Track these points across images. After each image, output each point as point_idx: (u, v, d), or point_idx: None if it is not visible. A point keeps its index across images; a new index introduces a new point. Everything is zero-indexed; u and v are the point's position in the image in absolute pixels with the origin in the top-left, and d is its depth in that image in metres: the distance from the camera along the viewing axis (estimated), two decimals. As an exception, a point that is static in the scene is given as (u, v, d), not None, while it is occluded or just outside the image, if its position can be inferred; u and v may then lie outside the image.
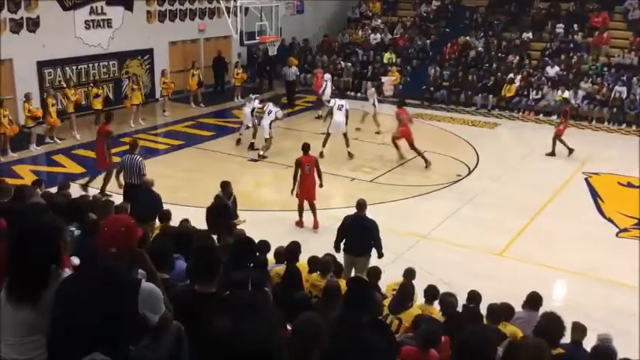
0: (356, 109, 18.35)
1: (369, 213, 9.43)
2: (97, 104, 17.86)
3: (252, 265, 5.31)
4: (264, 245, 7.69)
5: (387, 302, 6.60)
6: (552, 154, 16.36)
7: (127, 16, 20.10)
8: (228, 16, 19.23)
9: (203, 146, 17.20)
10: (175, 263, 5.20)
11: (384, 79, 23.16)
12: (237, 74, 22.32)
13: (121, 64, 20.35)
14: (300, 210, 11.73)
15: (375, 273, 7.43)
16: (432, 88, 22.65)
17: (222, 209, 9.39)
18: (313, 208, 11.73)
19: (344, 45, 26.11)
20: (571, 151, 16.17)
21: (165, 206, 9.41)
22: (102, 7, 19.41)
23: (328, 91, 19.57)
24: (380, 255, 8.88)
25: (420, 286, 7.36)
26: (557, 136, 16.33)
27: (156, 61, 21.37)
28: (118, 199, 10.10)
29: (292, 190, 11.62)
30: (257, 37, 19.47)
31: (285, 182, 12.80)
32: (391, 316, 6.39)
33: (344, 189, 14.06)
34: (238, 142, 16.99)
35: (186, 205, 11.57)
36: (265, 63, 24.22)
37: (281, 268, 7.10)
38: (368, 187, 14.18)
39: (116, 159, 12.70)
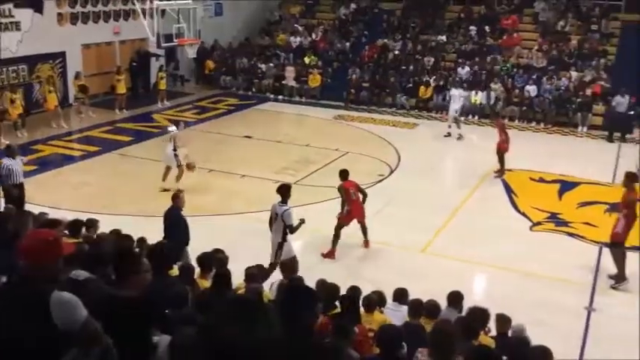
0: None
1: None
2: (15, 110, 17.17)
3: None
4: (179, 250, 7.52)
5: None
6: (502, 171, 15.14)
7: (36, 19, 19.26)
8: (144, 18, 18.79)
9: (122, 152, 16.74)
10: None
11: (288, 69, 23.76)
12: (162, 78, 21.92)
13: (31, 69, 19.50)
14: (336, 239, 10.94)
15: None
16: (353, 90, 22.98)
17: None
18: (364, 228, 11.22)
19: (264, 47, 26.07)
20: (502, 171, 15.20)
21: (84, 216, 9.09)
22: (9, 9, 18.52)
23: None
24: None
25: (345, 288, 7.43)
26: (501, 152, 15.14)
27: (69, 65, 20.60)
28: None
29: (339, 215, 11.08)
30: (175, 40, 19.13)
31: (208, 187, 12.62)
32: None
33: (268, 192, 13.99)
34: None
35: (108, 213, 11.23)
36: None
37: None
38: (293, 190, 14.19)
39: None
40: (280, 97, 23.73)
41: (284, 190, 9.49)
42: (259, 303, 3.41)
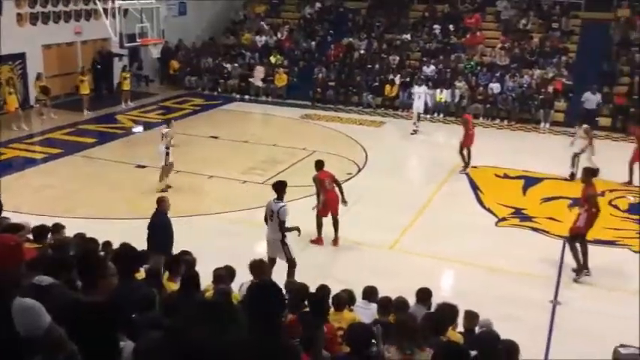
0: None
1: (261, 214, 9.43)
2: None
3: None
4: (144, 255, 7.36)
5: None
6: (466, 166, 15.45)
7: (-6, 19, 18.82)
8: (107, 18, 18.50)
9: (86, 154, 16.46)
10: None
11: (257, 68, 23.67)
12: (126, 78, 21.61)
13: (-11, 70, 19.05)
14: (320, 227, 11.23)
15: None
16: (319, 89, 22.99)
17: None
18: (336, 223, 11.30)
19: (229, 47, 25.91)
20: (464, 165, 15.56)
21: (46, 219, 8.90)
22: (-34, 10, 18.06)
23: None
24: None
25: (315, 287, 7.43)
26: (464, 147, 15.44)
27: (29, 66, 20.16)
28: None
29: (314, 207, 11.19)
30: (138, 40, 18.88)
31: (175, 188, 12.47)
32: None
33: (236, 192, 13.96)
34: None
35: (71, 216, 11.02)
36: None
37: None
38: (261, 190, 14.17)
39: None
40: (246, 96, 23.61)
41: (280, 187, 9.51)
42: (227, 305, 3.37)
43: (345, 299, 6.87)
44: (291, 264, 9.40)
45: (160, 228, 9.08)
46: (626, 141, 18.45)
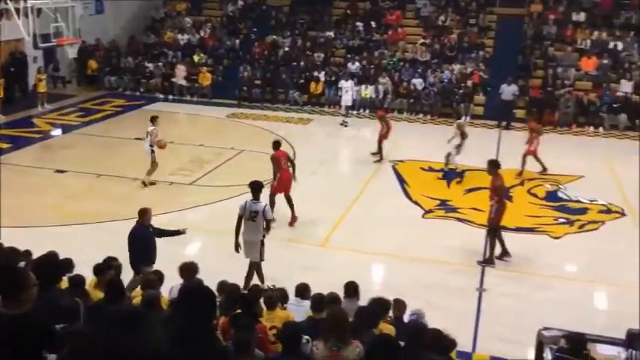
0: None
1: (192, 215, 9.27)
2: None
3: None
4: (69, 264, 7.11)
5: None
6: (379, 155, 16.03)
7: None
8: (19, 18, 17.65)
9: (2, 160, 15.66)
10: None
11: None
12: (41, 80, 20.72)
13: None
14: (272, 205, 11.39)
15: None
16: (245, 88, 22.82)
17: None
18: (290, 201, 11.93)
19: (150, 46, 25.31)
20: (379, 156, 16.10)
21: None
22: None
23: None
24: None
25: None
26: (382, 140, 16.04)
27: None
28: None
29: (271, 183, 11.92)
30: (53, 40, 18.12)
31: (99, 193, 12.06)
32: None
33: (164, 194, 13.67)
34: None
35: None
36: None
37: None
38: (188, 191, 13.96)
39: None
40: (170, 96, 23.14)
41: (257, 186, 9.57)
42: (144, 313, 3.28)
43: (277, 297, 6.86)
44: (258, 266, 9.42)
45: (141, 240, 8.77)
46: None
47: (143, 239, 8.77)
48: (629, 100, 20.18)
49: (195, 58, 24.16)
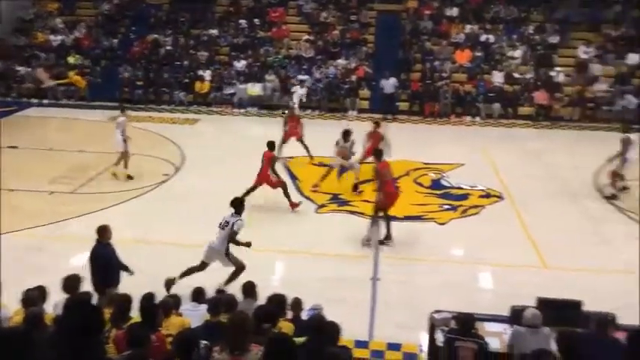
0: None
1: (72, 226, 8.81)
2: None
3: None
4: None
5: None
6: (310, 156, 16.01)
7: None
8: None
9: None
10: None
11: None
12: None
13: None
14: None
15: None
16: (126, 89, 22.00)
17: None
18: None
19: (20, 48, 23.76)
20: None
21: None
22: None
23: None
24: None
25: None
26: (299, 140, 16.05)
27: None
28: None
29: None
30: None
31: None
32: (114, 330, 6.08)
33: (44, 204, 12.89)
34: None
35: None
36: None
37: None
38: (70, 199, 13.25)
39: None
40: (45, 101, 21.88)
41: (237, 203, 9.65)
42: (26, 332, 3.07)
43: (172, 304, 6.68)
44: (239, 268, 9.32)
45: (102, 259, 8.12)
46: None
47: (105, 258, 8.19)
48: (501, 89, 21.47)
49: (71, 59, 22.98)
